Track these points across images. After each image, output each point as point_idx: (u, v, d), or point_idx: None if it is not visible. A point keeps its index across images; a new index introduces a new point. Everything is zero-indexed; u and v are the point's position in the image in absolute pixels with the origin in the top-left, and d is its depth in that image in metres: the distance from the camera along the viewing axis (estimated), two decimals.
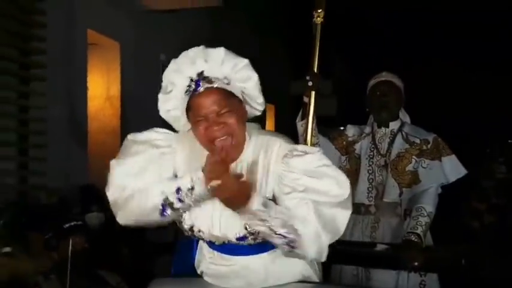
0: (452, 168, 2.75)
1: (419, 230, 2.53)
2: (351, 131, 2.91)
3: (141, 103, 6.80)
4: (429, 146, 2.76)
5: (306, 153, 1.60)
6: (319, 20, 2.25)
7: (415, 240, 2.50)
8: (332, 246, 1.61)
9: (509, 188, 3.58)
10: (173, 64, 1.64)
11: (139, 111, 6.80)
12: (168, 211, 1.63)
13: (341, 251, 2.39)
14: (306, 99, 2.41)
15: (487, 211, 3.59)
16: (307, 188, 1.54)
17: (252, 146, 1.66)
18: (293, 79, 10.67)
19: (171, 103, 1.66)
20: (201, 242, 1.81)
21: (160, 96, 1.68)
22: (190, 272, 1.82)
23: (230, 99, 1.61)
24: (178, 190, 1.60)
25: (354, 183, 2.79)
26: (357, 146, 2.87)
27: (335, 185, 1.57)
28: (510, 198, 3.57)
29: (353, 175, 2.78)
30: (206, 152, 1.63)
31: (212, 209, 1.64)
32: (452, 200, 3.57)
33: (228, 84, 1.62)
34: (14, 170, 4.48)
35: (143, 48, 6.75)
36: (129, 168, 1.66)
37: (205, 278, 1.80)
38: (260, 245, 1.66)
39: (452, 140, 2.93)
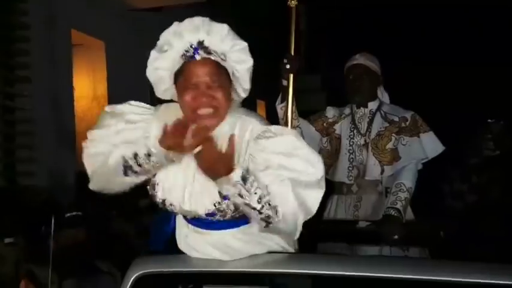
0: (430, 145, 2.81)
1: (398, 205, 2.59)
2: (330, 112, 2.97)
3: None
4: (407, 123, 2.81)
5: (279, 134, 1.61)
6: (293, 3, 2.30)
7: (395, 214, 2.55)
8: (317, 226, 1.67)
9: (493, 166, 3.65)
10: (175, 26, 1.64)
11: None
12: (129, 173, 1.66)
13: (325, 230, 2.46)
14: (284, 82, 2.46)
15: (468, 191, 3.66)
16: (280, 165, 1.55)
17: (228, 122, 1.67)
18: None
19: (163, 62, 1.65)
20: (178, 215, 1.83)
21: (153, 53, 1.67)
22: (165, 245, 1.87)
23: (222, 76, 1.64)
24: (135, 155, 1.64)
25: (335, 163, 2.85)
26: (337, 127, 2.92)
27: (308, 164, 1.57)
28: (492, 177, 3.64)
29: (334, 155, 2.84)
30: None
31: (183, 185, 1.66)
32: (435, 180, 3.65)
33: (223, 60, 1.63)
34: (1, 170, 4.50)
35: (129, 46, 6.78)
36: (99, 139, 1.72)
37: (185, 250, 1.83)
38: (229, 223, 1.69)
39: (436, 121, 2.98)
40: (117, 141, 1.70)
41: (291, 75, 2.36)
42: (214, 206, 1.62)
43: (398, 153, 2.78)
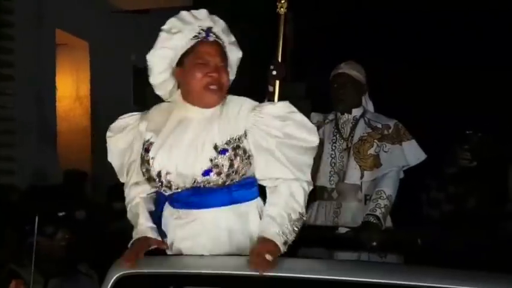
0: (412, 153, 2.86)
1: (378, 212, 2.63)
2: (315, 118, 3.01)
3: (111, 103, 6.83)
4: (390, 130, 2.86)
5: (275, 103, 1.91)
6: (282, 10, 2.34)
7: (374, 221, 2.60)
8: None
9: (469, 177, 3.72)
10: (184, 13, 1.79)
11: (110, 111, 6.82)
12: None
13: (305, 236, 2.48)
14: (270, 88, 2.50)
15: (445, 200, 3.73)
16: (284, 134, 1.73)
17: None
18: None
19: (173, 42, 1.76)
20: (164, 214, 1.86)
21: (162, 34, 1.78)
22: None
23: (226, 60, 1.81)
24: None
25: (316, 168, 2.89)
26: (320, 131, 2.96)
27: (306, 132, 1.77)
28: (468, 187, 3.72)
29: (315, 160, 2.87)
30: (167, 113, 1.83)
31: (177, 150, 1.75)
32: (414, 189, 3.71)
33: (225, 48, 1.82)
34: None
35: (113, 48, 6.77)
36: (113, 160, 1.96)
37: (174, 246, 1.86)
38: (222, 197, 1.77)
39: (417, 130, 3.03)
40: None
41: (277, 82, 2.42)
42: (211, 161, 1.71)
43: (379, 160, 2.82)
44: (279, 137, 1.73)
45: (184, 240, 1.84)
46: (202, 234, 1.81)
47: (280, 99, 2.40)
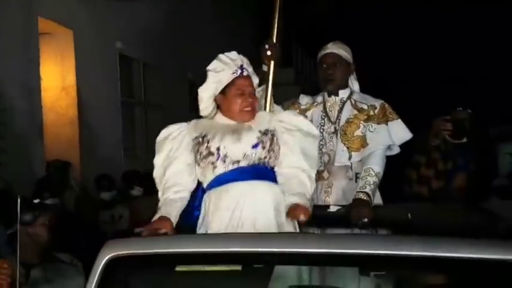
0: (398, 132, 2.87)
1: (367, 189, 2.65)
2: (304, 100, 3.01)
3: (98, 92, 6.78)
4: (376, 111, 2.87)
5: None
6: None
7: (364, 198, 2.61)
8: None
9: (458, 154, 3.73)
10: (221, 57, 2.41)
11: (97, 100, 6.77)
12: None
13: None
14: (264, 68, 2.66)
15: (434, 177, 3.73)
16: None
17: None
18: (260, 66, 10.76)
19: (217, 78, 2.38)
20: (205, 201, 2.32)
21: (210, 73, 2.40)
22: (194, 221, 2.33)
23: (254, 88, 2.44)
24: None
25: None
26: (309, 114, 2.96)
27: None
28: (457, 164, 3.73)
29: None
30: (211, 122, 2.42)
31: (230, 136, 2.31)
32: (403, 166, 3.72)
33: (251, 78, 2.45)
34: None
35: (98, 36, 6.69)
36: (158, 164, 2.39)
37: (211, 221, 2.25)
38: (263, 173, 2.30)
39: (404, 110, 3.04)
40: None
41: (272, 62, 2.59)
42: (257, 138, 2.31)
43: (366, 139, 2.83)
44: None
45: (225, 210, 2.24)
46: (245, 207, 2.24)
47: (274, 78, 2.63)
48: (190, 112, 8.45)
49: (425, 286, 2.02)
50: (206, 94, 2.41)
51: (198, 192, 2.37)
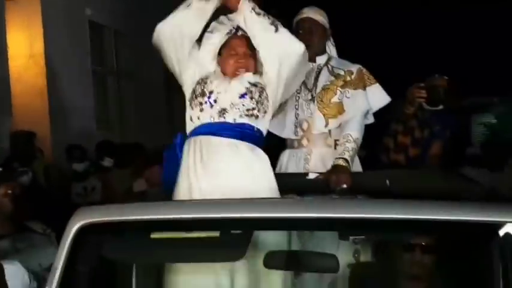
0: (375, 96, 2.83)
1: (346, 155, 2.60)
2: None
3: (67, 60, 6.57)
4: (353, 76, 2.81)
5: None
6: None
7: (343, 164, 2.56)
8: None
9: (432, 121, 3.73)
10: (221, 18, 2.41)
11: (66, 69, 6.58)
12: None
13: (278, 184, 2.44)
14: None
15: (411, 145, 3.73)
16: None
17: None
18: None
19: (212, 40, 2.39)
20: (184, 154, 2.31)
21: (205, 34, 2.40)
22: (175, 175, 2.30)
23: (252, 49, 2.37)
24: None
25: (282, 118, 2.84)
26: None
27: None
28: (432, 131, 3.73)
29: (279, 111, 2.81)
30: None
31: (229, 79, 2.35)
32: (380, 135, 3.71)
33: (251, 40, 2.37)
34: None
35: (67, 1, 6.47)
36: None
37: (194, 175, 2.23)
38: (246, 135, 2.30)
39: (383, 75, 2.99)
40: None
41: None
42: (245, 88, 2.31)
43: (343, 106, 2.79)
44: None
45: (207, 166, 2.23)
46: (225, 160, 2.25)
47: None
48: (165, 81, 8.31)
49: (405, 249, 2.00)
50: (207, 57, 2.40)
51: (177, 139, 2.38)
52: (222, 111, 2.29)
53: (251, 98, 2.30)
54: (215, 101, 2.30)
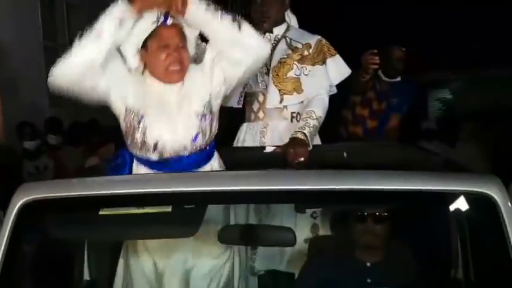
0: (336, 70, 2.76)
1: (306, 130, 2.52)
2: None
3: (17, 35, 6.32)
4: (311, 50, 2.72)
5: None
6: None
7: (301, 137, 2.51)
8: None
9: (390, 93, 3.75)
10: None
11: (16, 45, 6.32)
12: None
13: (234, 158, 2.39)
14: None
15: (369, 117, 3.75)
16: None
17: None
18: None
19: (134, 29, 1.94)
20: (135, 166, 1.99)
21: (128, 21, 1.92)
22: None
23: (185, 40, 2.01)
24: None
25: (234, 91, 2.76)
26: None
27: None
28: (390, 104, 3.75)
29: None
30: None
31: (174, 119, 1.98)
32: (339, 107, 3.70)
33: (182, 28, 2.01)
34: None
35: None
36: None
37: None
38: (203, 159, 2.03)
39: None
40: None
41: None
42: (196, 126, 1.98)
43: (301, 84, 2.71)
44: None
45: None
46: None
47: None
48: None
49: (361, 219, 1.99)
50: (129, 50, 1.99)
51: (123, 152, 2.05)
52: (174, 153, 1.98)
53: (204, 136, 2.00)
54: (163, 148, 1.97)
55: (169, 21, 1.95)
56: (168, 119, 1.97)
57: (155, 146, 1.95)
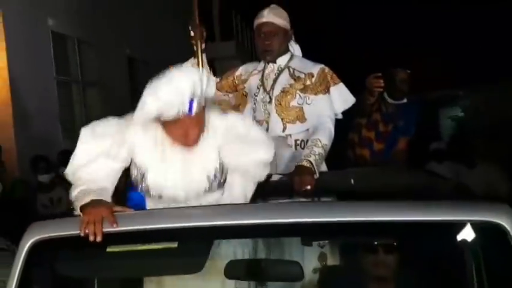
0: (339, 98, 2.79)
1: (312, 158, 2.53)
2: (246, 68, 2.93)
3: (31, 72, 6.47)
4: (313, 80, 2.76)
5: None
6: None
7: (307, 165, 2.52)
8: None
9: (396, 116, 3.75)
10: (165, 93, 1.92)
11: (31, 80, 6.47)
12: None
13: None
14: (195, 48, 2.64)
15: (375, 139, 3.74)
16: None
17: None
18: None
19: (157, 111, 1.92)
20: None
21: (150, 98, 1.92)
22: None
23: (202, 118, 1.98)
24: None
25: None
26: (247, 84, 2.87)
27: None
28: (396, 125, 3.75)
29: (236, 110, 2.78)
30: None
31: (174, 176, 1.96)
32: (345, 130, 3.71)
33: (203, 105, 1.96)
34: None
35: (29, 14, 6.39)
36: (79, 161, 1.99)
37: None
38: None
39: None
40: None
41: (199, 42, 2.58)
42: (209, 182, 2.00)
43: (303, 113, 2.74)
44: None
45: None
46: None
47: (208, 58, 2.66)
48: (130, 90, 8.23)
49: (371, 250, 1.98)
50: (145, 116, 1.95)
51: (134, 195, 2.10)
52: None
53: (211, 190, 2.02)
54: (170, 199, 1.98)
55: (194, 110, 1.89)
56: (181, 172, 1.96)
57: (160, 197, 1.97)
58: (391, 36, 10.55)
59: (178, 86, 1.85)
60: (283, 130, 2.74)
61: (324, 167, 2.80)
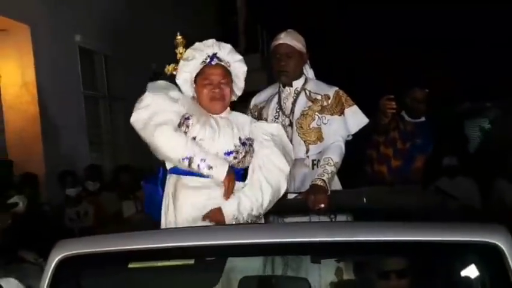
0: (353, 119, 2.88)
1: (325, 177, 2.64)
2: (259, 98, 3.06)
3: (59, 87, 6.66)
4: (330, 101, 2.87)
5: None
6: None
7: (321, 184, 2.62)
8: None
9: (414, 134, 3.80)
10: (196, 44, 2.38)
11: (58, 95, 6.66)
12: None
13: None
14: None
15: (393, 156, 3.81)
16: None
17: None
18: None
19: (188, 68, 2.35)
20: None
21: (181, 62, 2.38)
22: (159, 208, 2.27)
23: (228, 77, 2.37)
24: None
25: None
26: (264, 112, 2.99)
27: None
28: (414, 143, 3.80)
29: None
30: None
31: (217, 130, 2.27)
32: (363, 147, 3.78)
33: (229, 66, 2.38)
34: None
35: (56, 30, 6.56)
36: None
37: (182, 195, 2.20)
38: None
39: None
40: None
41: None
42: (234, 146, 2.27)
43: (322, 133, 2.84)
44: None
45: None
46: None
47: None
48: None
49: (379, 272, 2.05)
50: (184, 85, 2.38)
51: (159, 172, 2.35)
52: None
53: (234, 158, 2.25)
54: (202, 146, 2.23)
55: (213, 62, 2.34)
56: (212, 127, 2.26)
57: (194, 139, 2.21)
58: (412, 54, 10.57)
59: (204, 43, 2.34)
60: (307, 152, 2.86)
61: (338, 185, 2.88)
